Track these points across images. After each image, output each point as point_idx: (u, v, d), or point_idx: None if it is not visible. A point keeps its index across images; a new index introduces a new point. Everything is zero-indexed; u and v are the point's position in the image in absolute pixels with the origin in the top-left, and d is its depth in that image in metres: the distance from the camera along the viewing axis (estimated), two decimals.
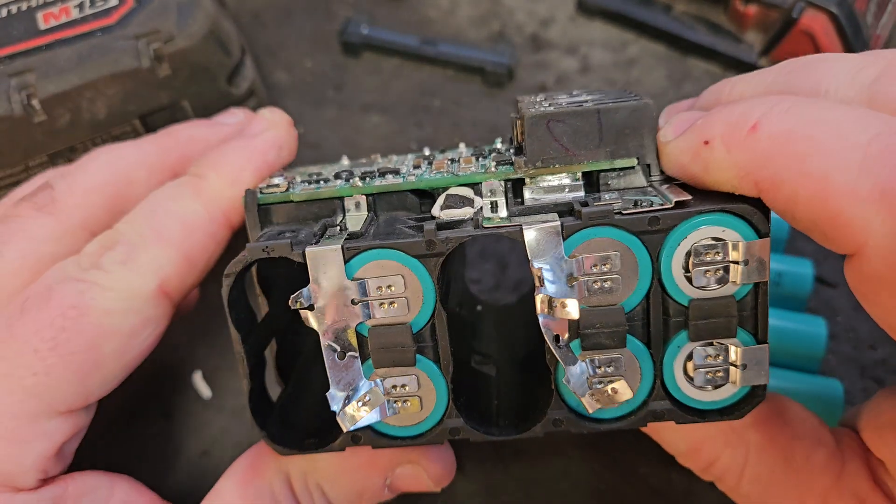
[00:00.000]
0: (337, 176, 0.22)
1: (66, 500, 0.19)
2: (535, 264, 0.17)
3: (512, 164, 0.20)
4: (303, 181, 0.22)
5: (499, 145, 0.24)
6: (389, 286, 0.18)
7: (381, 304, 0.18)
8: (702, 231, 0.17)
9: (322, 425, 0.21)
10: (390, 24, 0.40)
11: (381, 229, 0.20)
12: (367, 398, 0.19)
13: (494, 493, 0.27)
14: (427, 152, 0.25)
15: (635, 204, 0.18)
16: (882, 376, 0.29)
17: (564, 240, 0.17)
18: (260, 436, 0.20)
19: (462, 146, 0.25)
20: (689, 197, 0.18)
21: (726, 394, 0.18)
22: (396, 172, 0.22)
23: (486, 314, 0.28)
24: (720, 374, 0.18)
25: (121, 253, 0.20)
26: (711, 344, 0.18)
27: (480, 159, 0.22)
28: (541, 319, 0.17)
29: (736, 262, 0.17)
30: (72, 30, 0.26)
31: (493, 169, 0.20)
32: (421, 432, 0.20)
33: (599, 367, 0.18)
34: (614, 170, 0.19)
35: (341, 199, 0.21)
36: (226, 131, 0.26)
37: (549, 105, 0.20)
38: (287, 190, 0.21)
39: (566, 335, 0.18)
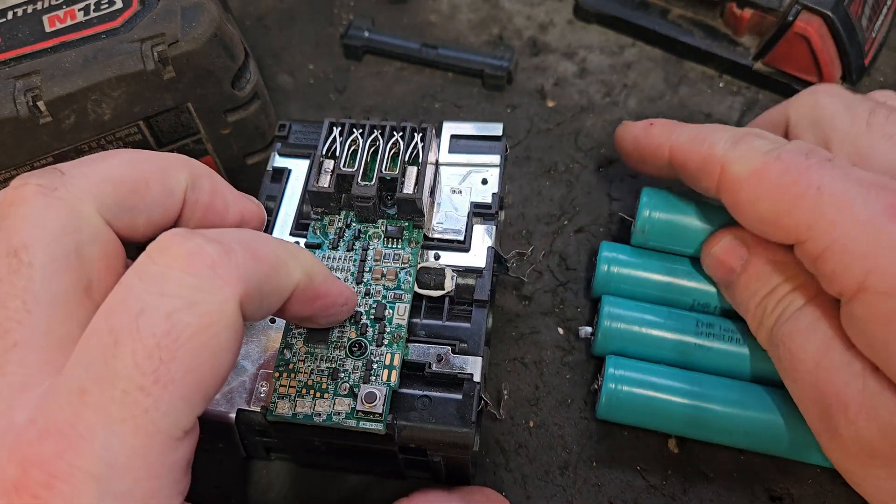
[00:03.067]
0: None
1: None
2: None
3: (409, 227, 0.26)
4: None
5: (375, 230, 0.26)
6: None
7: None
8: None
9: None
10: (392, 29, 0.40)
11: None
12: None
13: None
14: (361, 280, 0.26)
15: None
16: None
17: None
18: None
19: (360, 249, 0.26)
20: None
21: None
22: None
23: None
24: None
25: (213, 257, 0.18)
26: None
27: (390, 246, 0.26)
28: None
29: None
30: (77, 33, 0.27)
31: (413, 243, 0.26)
32: None
33: None
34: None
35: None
36: (244, 202, 0.24)
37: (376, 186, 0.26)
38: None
39: None
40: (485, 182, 0.28)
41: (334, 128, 0.27)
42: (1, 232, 0.19)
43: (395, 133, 0.27)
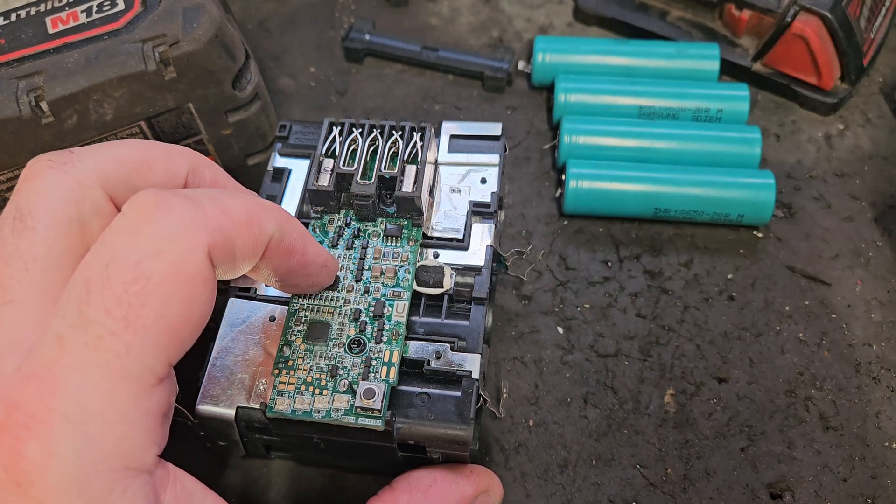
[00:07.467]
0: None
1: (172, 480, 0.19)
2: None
3: (408, 225, 0.26)
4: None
5: (375, 228, 0.26)
6: None
7: None
8: None
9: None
10: (392, 32, 0.40)
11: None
12: None
13: None
14: (356, 279, 0.25)
15: None
16: (877, 374, 0.30)
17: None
18: None
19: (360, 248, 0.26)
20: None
21: None
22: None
23: None
24: None
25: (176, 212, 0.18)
26: None
27: (390, 244, 0.26)
28: None
29: None
30: (80, 34, 0.27)
31: (412, 241, 0.26)
32: None
33: None
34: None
35: None
36: (253, 202, 0.23)
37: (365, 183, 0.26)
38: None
39: None
40: (484, 181, 0.28)
41: (334, 127, 0.27)
42: (13, 201, 0.20)
43: (394, 132, 0.27)
